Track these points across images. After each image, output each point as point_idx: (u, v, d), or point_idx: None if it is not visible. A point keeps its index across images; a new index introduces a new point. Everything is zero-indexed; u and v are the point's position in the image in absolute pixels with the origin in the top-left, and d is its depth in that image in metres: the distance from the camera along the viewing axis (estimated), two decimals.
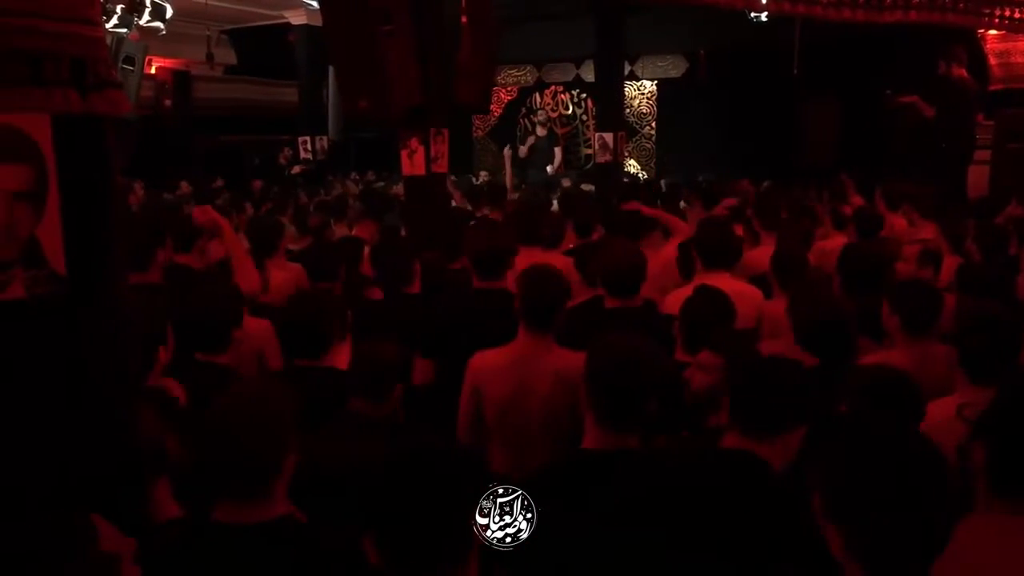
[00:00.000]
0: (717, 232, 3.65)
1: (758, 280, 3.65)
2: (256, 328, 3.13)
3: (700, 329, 2.57)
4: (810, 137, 11.41)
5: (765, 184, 8.42)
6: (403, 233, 5.08)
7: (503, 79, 13.86)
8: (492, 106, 11.93)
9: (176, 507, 1.82)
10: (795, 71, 9.01)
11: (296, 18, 12.27)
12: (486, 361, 2.69)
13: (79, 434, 1.49)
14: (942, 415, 2.14)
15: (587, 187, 10.73)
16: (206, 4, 9.90)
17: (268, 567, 1.61)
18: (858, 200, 6.32)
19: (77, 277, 1.50)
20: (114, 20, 8.44)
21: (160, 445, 1.79)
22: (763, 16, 9.24)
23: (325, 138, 12.55)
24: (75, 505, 1.30)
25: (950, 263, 3.98)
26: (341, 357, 2.65)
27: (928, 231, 4.87)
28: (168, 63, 13.31)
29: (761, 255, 4.15)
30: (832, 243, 4.64)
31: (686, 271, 3.74)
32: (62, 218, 1.48)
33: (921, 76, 8.18)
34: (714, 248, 3.53)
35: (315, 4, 9.53)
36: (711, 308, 2.68)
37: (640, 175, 13.05)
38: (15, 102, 1.38)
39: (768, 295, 3.47)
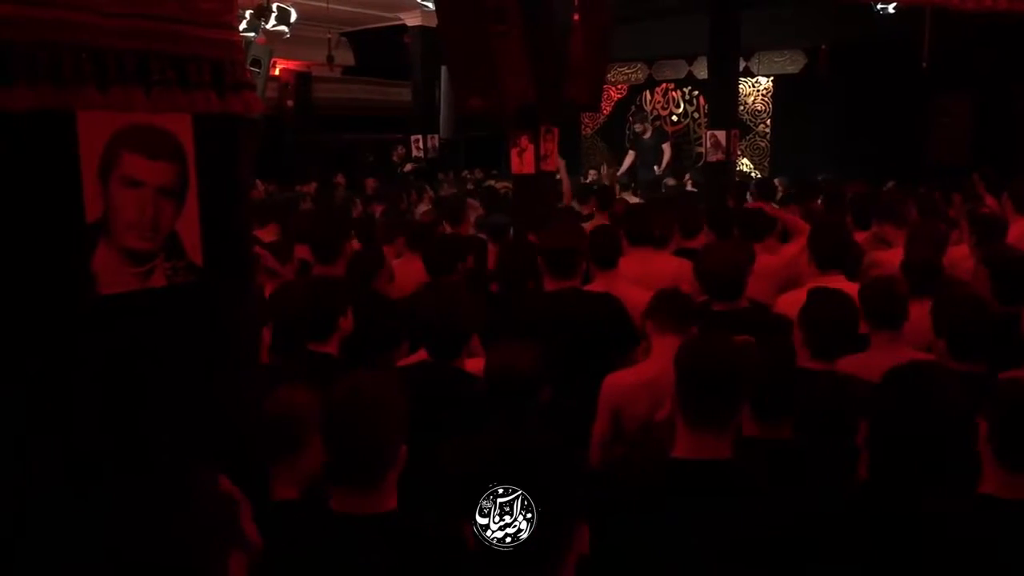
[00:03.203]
0: (832, 234, 3.52)
1: None
2: None
3: (827, 333, 2.48)
4: (940, 135, 10.79)
5: (889, 184, 8.01)
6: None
7: (613, 77, 13.76)
8: (601, 104, 11.87)
9: (295, 491, 1.89)
10: (924, 65, 8.53)
11: (411, 19, 12.57)
12: (622, 381, 2.67)
13: (213, 411, 1.59)
14: None
15: (671, 181, 10.53)
16: (327, 7, 10.27)
17: (380, 559, 1.66)
18: (990, 201, 5.92)
19: (212, 267, 1.59)
20: (243, 24, 8.91)
21: (294, 428, 1.86)
22: (890, 8, 8.81)
23: (436, 137, 12.81)
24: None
25: None
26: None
27: None
28: (291, 65, 13.93)
29: (889, 258, 3.97)
30: (964, 249, 4.35)
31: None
32: (200, 212, 1.57)
33: None
34: (829, 250, 3.41)
35: (430, 5, 9.75)
36: (836, 312, 2.57)
37: (753, 174, 12.68)
38: (163, 103, 1.48)
39: None
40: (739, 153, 11.38)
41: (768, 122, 13.15)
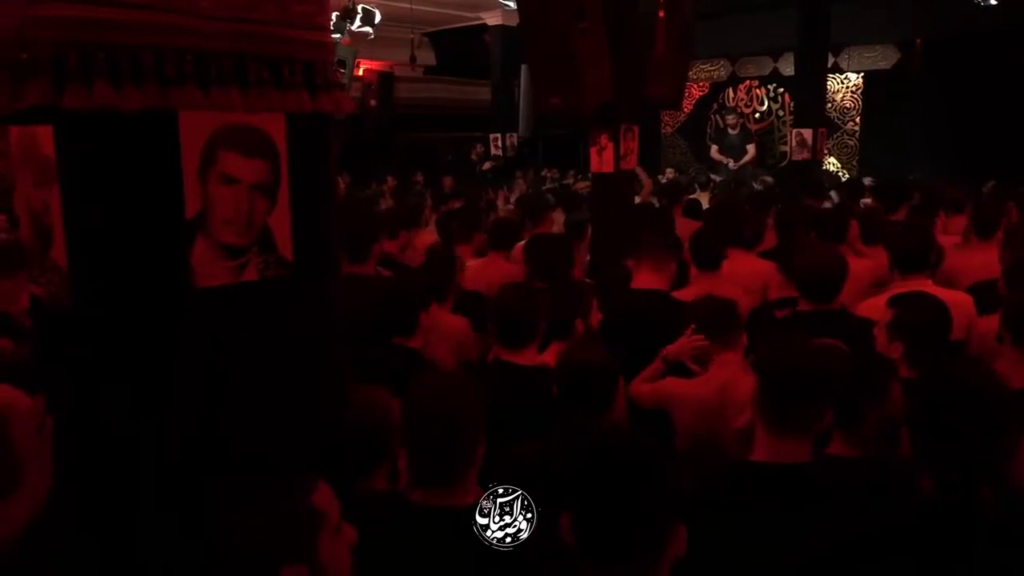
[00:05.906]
0: (914, 236, 3.39)
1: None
2: (454, 324, 3.27)
3: (922, 339, 2.39)
4: None
5: (989, 184, 7.63)
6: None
7: (695, 74, 13.54)
8: (683, 102, 11.70)
9: (385, 483, 1.93)
10: None
11: (492, 19, 12.67)
12: (679, 389, 2.66)
13: (304, 404, 1.64)
14: None
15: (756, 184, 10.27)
16: (411, 8, 10.43)
17: (461, 550, 1.68)
18: None
19: (302, 262, 1.64)
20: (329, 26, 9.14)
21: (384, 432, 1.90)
22: None
23: (515, 135, 12.86)
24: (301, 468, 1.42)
25: None
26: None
27: None
28: (374, 65, 14.21)
29: (967, 260, 3.80)
30: None
31: None
32: (291, 208, 1.62)
33: None
34: (911, 253, 3.28)
35: (512, 4, 9.79)
36: (928, 317, 2.48)
37: (840, 174, 12.28)
38: (258, 103, 1.52)
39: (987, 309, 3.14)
40: (826, 152, 11.04)
41: (857, 120, 12.71)
